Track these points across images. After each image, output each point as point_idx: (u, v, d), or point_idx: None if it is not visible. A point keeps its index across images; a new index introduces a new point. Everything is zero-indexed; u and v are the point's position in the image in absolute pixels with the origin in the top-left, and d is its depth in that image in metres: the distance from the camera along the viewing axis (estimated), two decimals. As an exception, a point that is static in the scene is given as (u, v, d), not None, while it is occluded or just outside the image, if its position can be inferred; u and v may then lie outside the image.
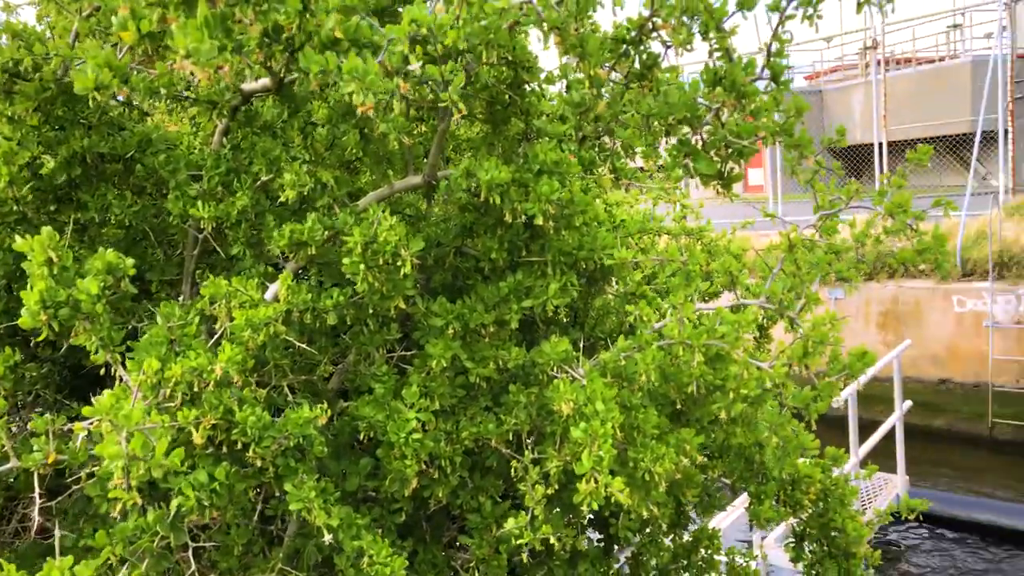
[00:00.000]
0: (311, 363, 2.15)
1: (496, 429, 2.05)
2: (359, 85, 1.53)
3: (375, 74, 1.53)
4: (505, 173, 1.94)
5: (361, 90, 1.53)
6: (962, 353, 9.93)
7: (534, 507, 1.88)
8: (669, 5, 1.70)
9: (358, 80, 1.52)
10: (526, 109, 2.12)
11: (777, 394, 1.99)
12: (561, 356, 1.99)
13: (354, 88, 1.53)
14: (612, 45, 1.88)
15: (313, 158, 2.18)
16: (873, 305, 10.48)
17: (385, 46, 1.58)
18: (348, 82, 1.46)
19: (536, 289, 2.10)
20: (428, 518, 2.36)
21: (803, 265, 2.06)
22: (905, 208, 1.96)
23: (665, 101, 1.82)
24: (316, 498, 1.80)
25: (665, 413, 2.05)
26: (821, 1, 1.69)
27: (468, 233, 2.22)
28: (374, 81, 1.53)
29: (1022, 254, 9.64)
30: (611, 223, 2.78)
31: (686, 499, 2.14)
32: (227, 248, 2.21)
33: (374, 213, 1.89)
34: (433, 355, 2.02)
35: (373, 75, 1.53)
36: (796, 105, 1.87)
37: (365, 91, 1.53)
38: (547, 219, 1.97)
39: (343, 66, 1.47)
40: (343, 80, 1.47)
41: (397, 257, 1.87)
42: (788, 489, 2.46)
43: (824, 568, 2.53)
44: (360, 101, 1.54)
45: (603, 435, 1.70)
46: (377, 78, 1.54)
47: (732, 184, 2.08)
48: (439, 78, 1.65)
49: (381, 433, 1.99)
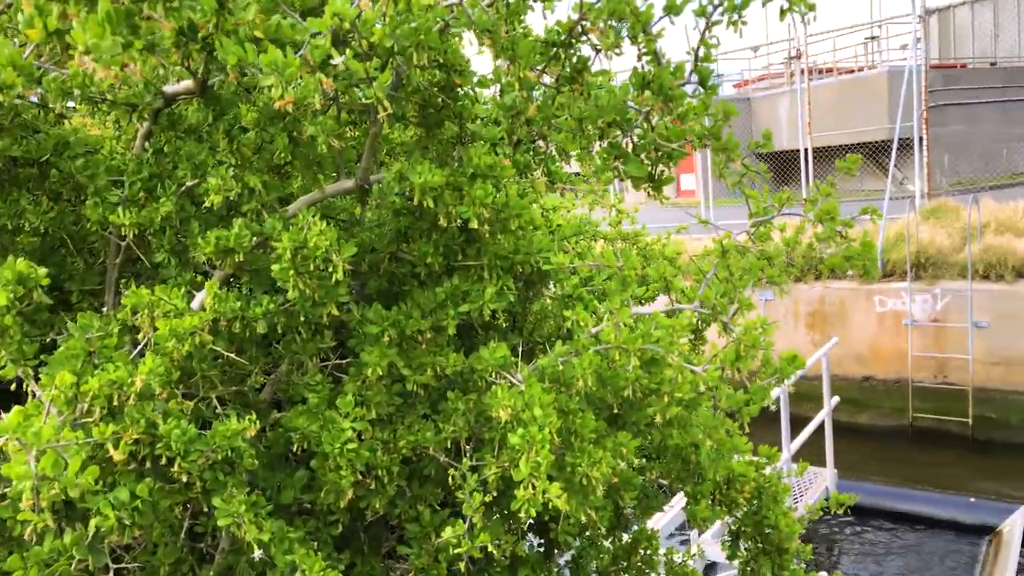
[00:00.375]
0: (241, 373, 2.08)
1: (434, 437, 2.02)
2: (278, 78, 1.47)
3: (295, 67, 1.48)
4: (439, 177, 1.92)
5: (280, 83, 1.48)
6: (884, 351, 10.35)
7: (472, 515, 1.86)
8: (597, 9, 1.72)
9: (277, 73, 1.47)
10: (459, 112, 2.10)
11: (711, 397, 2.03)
12: (500, 362, 1.98)
13: (273, 81, 1.47)
14: (543, 48, 1.88)
15: (240, 162, 2.11)
16: (801, 305, 10.83)
17: (307, 40, 1.53)
18: (267, 75, 1.41)
19: (473, 294, 2.08)
20: (365, 529, 2.31)
21: (736, 271, 2.10)
22: (834, 216, 2.03)
23: (595, 104, 1.83)
24: (247, 512, 1.74)
25: (602, 417, 2.06)
26: (745, 8, 1.73)
27: (403, 238, 2.19)
28: (294, 74, 1.48)
29: (937, 255, 10.11)
30: (547, 227, 2.79)
31: (624, 502, 2.15)
32: (151, 256, 2.12)
33: (304, 218, 1.85)
34: (369, 363, 1.98)
35: (293, 68, 1.48)
36: (724, 109, 1.90)
37: (284, 84, 1.48)
38: (482, 223, 1.96)
39: (262, 58, 1.41)
40: (262, 73, 1.42)
41: (329, 263, 1.82)
42: (723, 488, 2.51)
43: (759, 564, 2.58)
44: (279, 95, 1.49)
45: (541, 441, 1.69)
46: (297, 71, 1.49)
47: (662, 186, 2.11)
48: (363, 74, 1.61)
49: (315, 444, 1.94)
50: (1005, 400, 9.56)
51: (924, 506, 7.83)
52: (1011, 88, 20.22)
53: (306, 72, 1.52)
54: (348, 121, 2.33)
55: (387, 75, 1.61)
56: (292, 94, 1.49)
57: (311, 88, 1.51)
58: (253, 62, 1.47)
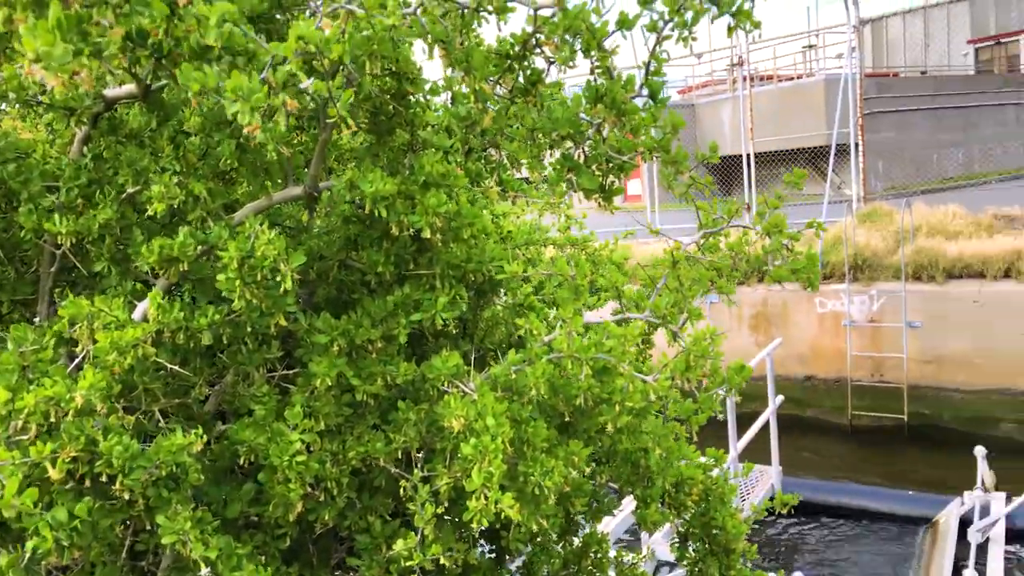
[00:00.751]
0: (185, 385, 2.03)
1: (384, 448, 2.00)
2: (245, 105, 1.45)
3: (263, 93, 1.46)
4: (390, 185, 1.90)
5: (247, 110, 1.46)
6: (825, 351, 10.65)
7: (424, 526, 1.85)
8: (552, 23, 1.73)
9: (243, 99, 1.45)
10: (411, 120, 2.09)
11: (662, 406, 2.06)
12: (451, 371, 1.97)
13: (239, 108, 1.45)
14: (497, 60, 1.88)
15: (185, 169, 2.05)
16: (745, 308, 11.07)
17: (269, 62, 1.51)
18: (232, 102, 1.39)
19: (425, 303, 2.06)
20: (315, 541, 2.28)
21: (685, 281, 2.14)
22: (781, 228, 2.08)
23: (549, 116, 1.84)
24: (192, 529, 1.70)
25: (554, 425, 2.07)
26: (695, 24, 1.76)
27: (353, 246, 2.16)
28: (261, 100, 1.46)
29: (873, 258, 10.45)
30: (499, 235, 2.79)
31: (575, 508, 2.16)
32: (89, 265, 2.05)
33: (251, 226, 1.81)
34: (317, 373, 1.95)
35: (260, 94, 1.46)
36: (672, 122, 1.94)
37: (252, 111, 1.46)
38: (435, 232, 1.95)
39: (226, 84, 1.39)
40: (226, 99, 1.39)
41: (276, 272, 1.79)
42: (672, 492, 2.54)
43: (706, 565, 2.63)
44: (247, 121, 1.47)
45: (493, 450, 1.69)
46: (263, 97, 1.47)
47: (613, 197, 2.13)
48: (327, 94, 1.59)
49: (263, 457, 1.90)
50: (937, 397, 9.94)
51: (864, 500, 8.09)
52: (940, 96, 21.07)
53: (269, 95, 1.50)
54: (296, 126, 2.30)
55: (349, 93, 1.60)
56: (258, 120, 1.47)
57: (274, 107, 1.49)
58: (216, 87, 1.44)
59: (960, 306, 9.67)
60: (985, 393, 9.65)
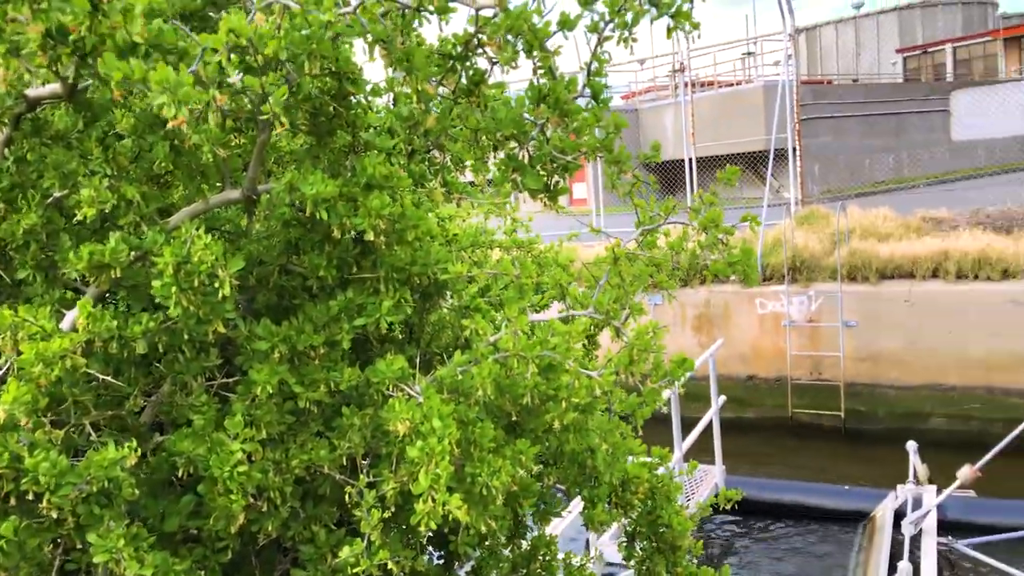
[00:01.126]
0: (118, 396, 1.96)
1: (329, 455, 1.96)
2: (171, 97, 1.41)
3: (190, 86, 1.42)
4: (331, 187, 1.87)
5: (173, 103, 1.41)
6: (765, 351, 10.90)
7: (370, 533, 1.82)
8: (494, 23, 1.72)
9: (169, 92, 1.40)
10: (352, 121, 2.06)
11: (607, 401, 2.07)
12: (397, 375, 1.94)
13: (165, 100, 1.41)
14: (439, 60, 1.87)
15: (116, 172, 1.98)
16: (688, 309, 11.26)
17: (199, 55, 1.47)
18: (158, 94, 1.34)
19: (368, 307, 2.03)
20: (257, 553, 2.22)
21: (627, 277, 2.16)
22: (717, 224, 2.12)
23: (493, 117, 1.84)
24: (126, 546, 1.64)
25: (501, 425, 2.06)
26: (636, 25, 1.78)
27: (294, 250, 2.12)
28: (188, 93, 1.42)
29: (811, 259, 10.75)
30: (444, 237, 2.78)
31: (523, 509, 2.16)
32: (13, 272, 1.96)
33: (187, 231, 1.76)
34: (258, 381, 1.90)
35: (188, 87, 1.42)
36: (615, 122, 1.95)
37: (178, 104, 1.42)
38: (378, 234, 1.92)
39: (151, 76, 1.34)
40: (152, 91, 1.34)
41: (214, 277, 1.74)
42: (619, 491, 2.56)
43: (653, 564, 2.65)
44: (172, 114, 1.42)
45: (440, 452, 1.68)
46: (191, 89, 1.42)
47: (558, 197, 2.14)
48: (259, 89, 1.56)
49: (202, 468, 1.84)
50: (872, 394, 10.27)
51: (804, 496, 8.29)
52: (871, 103, 21.87)
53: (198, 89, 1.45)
54: (233, 128, 2.24)
55: (283, 90, 1.57)
56: (185, 114, 1.42)
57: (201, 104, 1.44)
58: (140, 79, 1.39)
59: (892, 306, 10.02)
60: (916, 389, 10.02)
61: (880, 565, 6.68)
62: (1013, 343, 9.33)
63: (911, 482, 7.63)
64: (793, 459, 10.05)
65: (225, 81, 1.50)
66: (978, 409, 9.65)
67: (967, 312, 9.55)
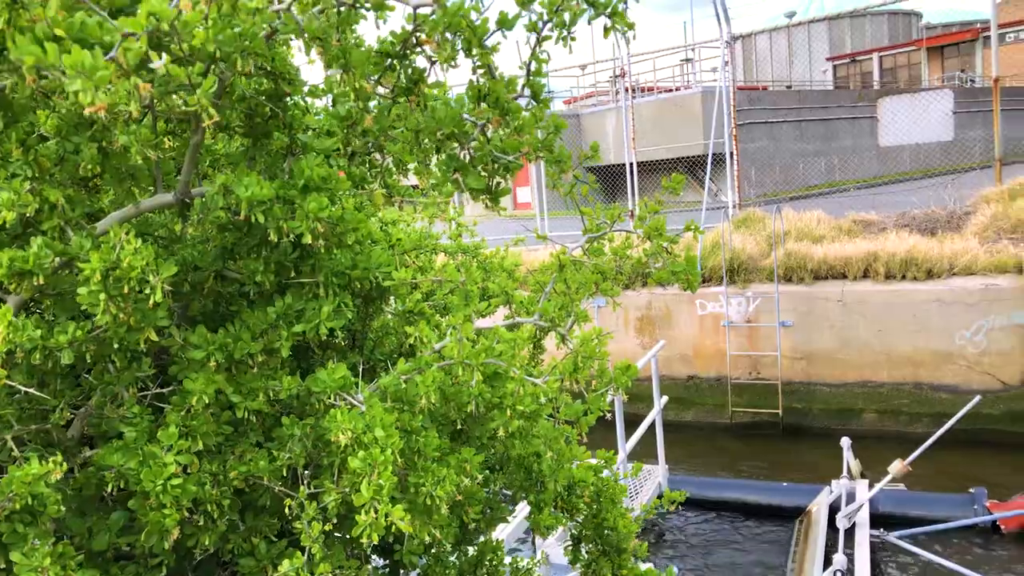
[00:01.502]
0: (43, 409, 1.86)
1: (268, 466, 1.91)
2: (86, 82, 1.32)
3: (107, 71, 1.34)
4: (268, 190, 1.82)
5: (89, 88, 1.33)
6: (706, 351, 11.12)
7: (312, 545, 1.77)
8: (432, 21, 1.70)
9: (84, 76, 1.32)
10: (289, 123, 2.01)
11: (552, 408, 2.07)
12: (339, 383, 1.90)
13: (80, 86, 1.32)
14: (377, 59, 1.84)
15: (38, 175, 1.89)
16: (631, 311, 11.41)
17: (119, 41, 1.39)
18: (73, 79, 1.26)
19: (308, 312, 1.99)
20: (194, 568, 2.14)
21: (572, 284, 2.16)
22: (661, 232, 2.14)
23: (432, 116, 1.81)
24: (52, 565, 1.56)
25: (445, 433, 2.04)
26: (574, 24, 1.78)
27: (229, 255, 2.06)
28: (105, 78, 1.34)
29: (748, 261, 11.02)
30: (387, 241, 2.73)
31: (469, 516, 2.14)
32: (-76, 280, 1.85)
33: (116, 236, 1.68)
34: (193, 391, 1.84)
35: (105, 71, 1.33)
36: (555, 122, 1.96)
37: (94, 89, 1.33)
38: (317, 238, 1.88)
39: (65, 60, 1.26)
40: (67, 77, 1.26)
41: (145, 284, 1.67)
42: (565, 495, 2.56)
43: (599, 566, 2.66)
44: (89, 101, 1.34)
45: (383, 463, 1.64)
46: (109, 74, 1.34)
47: (500, 198, 2.13)
48: (185, 80, 1.49)
49: (134, 482, 1.77)
50: (808, 392, 10.58)
51: (744, 493, 8.48)
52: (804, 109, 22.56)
53: (119, 77, 1.38)
54: (166, 130, 2.17)
55: (211, 80, 1.51)
56: (104, 99, 1.34)
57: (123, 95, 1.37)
58: (54, 64, 1.32)
59: (826, 305, 10.33)
60: (849, 387, 10.35)
61: (816, 558, 6.87)
62: (937, 340, 9.73)
63: (845, 477, 7.88)
64: (733, 457, 10.27)
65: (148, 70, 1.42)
66: (907, 405, 10.03)
67: (895, 311, 9.92)
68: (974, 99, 24.18)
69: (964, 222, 11.17)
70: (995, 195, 11.72)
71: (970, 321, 9.55)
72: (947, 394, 9.77)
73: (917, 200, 12.79)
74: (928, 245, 10.22)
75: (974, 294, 9.49)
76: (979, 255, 9.80)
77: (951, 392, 9.73)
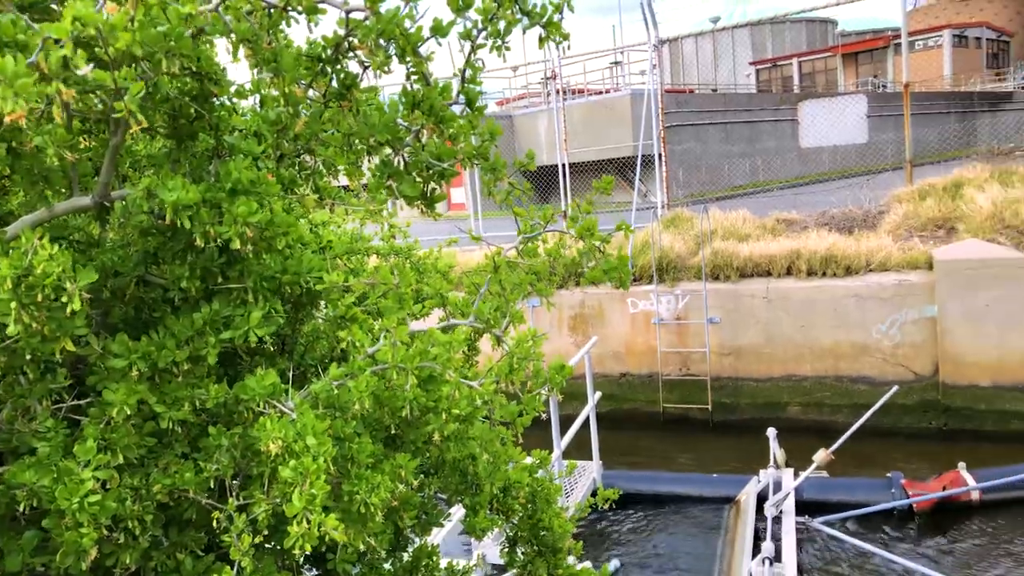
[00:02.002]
0: (-52, 425, 1.76)
1: (195, 478, 1.85)
2: (7, 89, 1.27)
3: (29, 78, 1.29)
4: (193, 193, 1.76)
5: (10, 96, 1.28)
6: (637, 348, 11.32)
7: (241, 559, 1.73)
8: (365, 26, 1.68)
9: (5, 84, 1.27)
10: (215, 124, 1.94)
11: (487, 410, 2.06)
12: (268, 391, 1.85)
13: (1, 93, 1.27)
14: (308, 63, 1.80)
15: (-59, 175, 1.78)
16: (564, 310, 11.52)
17: (40, 45, 1.33)
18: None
19: (236, 319, 1.93)
20: (116, 587, 2.06)
21: (507, 285, 2.17)
22: (593, 232, 2.17)
23: (365, 122, 1.79)
24: (-40, 591, 1.47)
25: (379, 439, 2.02)
26: (508, 34, 1.79)
27: (152, 260, 1.98)
28: (27, 86, 1.28)
29: (677, 260, 11.26)
30: (317, 244, 2.68)
31: (404, 522, 2.12)
32: None
33: (28, 241, 1.60)
34: (113, 402, 1.76)
35: (26, 79, 1.28)
36: (490, 130, 1.95)
37: (15, 97, 1.28)
38: (245, 242, 1.83)
39: None
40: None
41: (61, 291, 1.59)
42: (500, 497, 2.56)
43: (535, 567, 2.67)
44: (10, 109, 1.28)
45: (315, 471, 1.61)
46: (29, 81, 1.29)
47: (435, 204, 2.12)
48: (111, 84, 1.43)
49: (48, 500, 1.68)
50: (735, 386, 10.89)
51: (675, 485, 8.68)
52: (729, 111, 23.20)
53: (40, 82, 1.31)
54: (82, 130, 2.07)
55: (139, 86, 1.45)
56: (23, 107, 1.28)
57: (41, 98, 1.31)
58: None
59: (752, 302, 10.65)
60: (775, 380, 10.70)
61: (745, 546, 7.08)
62: (856, 334, 10.15)
63: (772, 467, 8.14)
64: (665, 451, 10.49)
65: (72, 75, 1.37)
66: (828, 397, 10.44)
67: (817, 307, 10.30)
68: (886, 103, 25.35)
69: (878, 221, 11.69)
70: (906, 195, 12.31)
71: (885, 315, 10.00)
72: (865, 386, 10.20)
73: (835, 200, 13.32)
74: (846, 243, 10.66)
75: (888, 289, 9.94)
76: (893, 252, 10.27)
77: (869, 384, 10.17)
